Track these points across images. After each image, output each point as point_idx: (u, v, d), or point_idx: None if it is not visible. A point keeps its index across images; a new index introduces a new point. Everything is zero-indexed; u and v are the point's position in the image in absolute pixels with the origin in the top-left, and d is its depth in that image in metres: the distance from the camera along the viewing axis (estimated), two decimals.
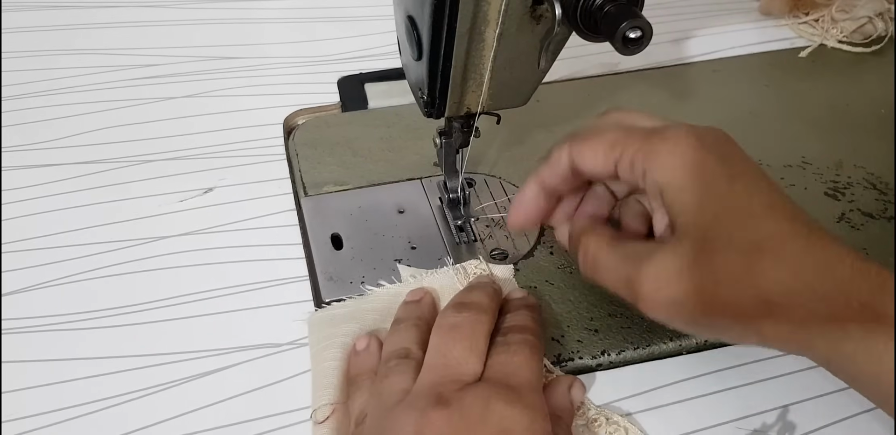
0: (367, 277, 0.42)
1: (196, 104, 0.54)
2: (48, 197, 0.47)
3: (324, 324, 0.39)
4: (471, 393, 0.30)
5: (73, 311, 0.40)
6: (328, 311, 0.39)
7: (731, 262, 0.28)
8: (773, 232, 0.28)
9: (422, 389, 0.31)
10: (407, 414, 0.30)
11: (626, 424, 0.35)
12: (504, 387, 0.31)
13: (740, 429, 0.36)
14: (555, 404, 0.34)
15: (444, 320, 0.34)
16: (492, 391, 0.30)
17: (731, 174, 0.30)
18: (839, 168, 0.50)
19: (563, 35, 0.32)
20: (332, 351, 0.37)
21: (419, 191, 0.47)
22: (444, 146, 0.41)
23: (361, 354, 0.36)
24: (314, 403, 0.35)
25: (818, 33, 0.62)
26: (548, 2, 0.30)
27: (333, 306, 0.40)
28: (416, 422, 0.29)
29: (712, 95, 0.56)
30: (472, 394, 0.30)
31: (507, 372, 0.32)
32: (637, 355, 0.39)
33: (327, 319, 0.39)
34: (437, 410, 0.29)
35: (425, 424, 0.29)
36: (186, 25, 0.61)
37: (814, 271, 0.27)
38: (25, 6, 0.62)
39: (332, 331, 0.38)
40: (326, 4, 0.64)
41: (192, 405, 0.36)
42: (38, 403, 0.36)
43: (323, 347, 0.37)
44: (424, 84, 0.35)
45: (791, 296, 0.27)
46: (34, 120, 0.52)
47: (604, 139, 0.33)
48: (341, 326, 0.38)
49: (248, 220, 0.45)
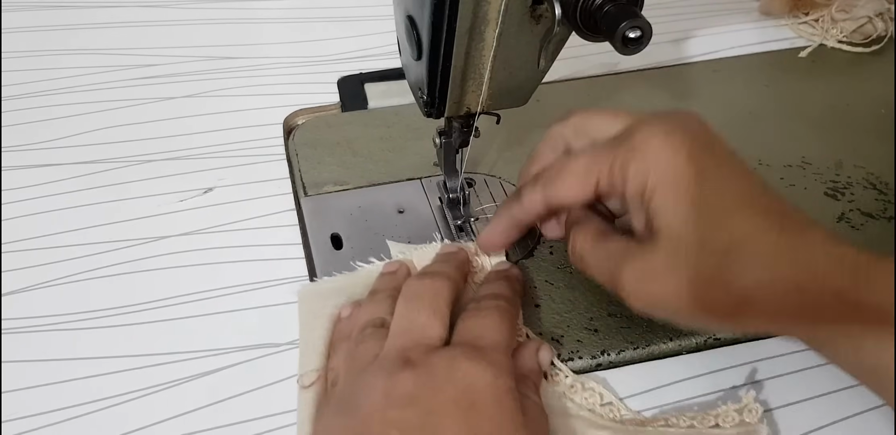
0: None
1: (195, 104, 0.54)
2: (48, 197, 0.47)
3: (313, 296, 0.40)
4: (436, 355, 0.31)
5: (72, 311, 0.40)
6: (318, 284, 0.41)
7: (705, 262, 0.29)
8: (744, 230, 0.29)
9: (389, 354, 0.32)
10: (376, 376, 0.31)
11: (602, 390, 0.36)
12: (469, 347, 0.32)
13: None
14: (522, 365, 0.35)
15: (407, 289, 0.36)
16: (457, 352, 0.31)
17: (700, 173, 0.30)
18: (839, 168, 0.50)
19: (562, 35, 0.32)
20: (319, 321, 0.38)
21: (419, 191, 0.47)
22: (443, 146, 0.41)
23: (344, 322, 0.38)
24: (301, 368, 0.36)
25: (818, 33, 0.62)
26: (547, 2, 0.30)
27: (324, 280, 0.41)
28: (384, 383, 0.30)
29: (712, 95, 0.56)
30: (438, 355, 0.31)
31: (474, 334, 0.33)
32: (637, 355, 0.39)
33: (317, 292, 0.40)
34: (404, 372, 0.30)
35: (393, 384, 0.30)
36: (186, 25, 0.61)
37: (788, 264, 0.28)
38: (25, 6, 0.62)
39: (321, 303, 0.39)
40: (326, 4, 0.64)
41: (191, 405, 0.36)
42: (38, 403, 0.36)
43: (311, 317, 0.38)
44: (424, 84, 0.35)
45: (767, 291, 0.28)
46: (34, 120, 0.52)
47: (574, 172, 0.33)
48: (330, 298, 0.39)
49: (248, 220, 0.45)
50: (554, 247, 0.44)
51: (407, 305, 0.34)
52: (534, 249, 0.44)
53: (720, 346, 0.39)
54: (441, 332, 0.33)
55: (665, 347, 0.39)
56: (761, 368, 0.38)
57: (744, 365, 0.38)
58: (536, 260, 0.43)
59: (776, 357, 0.38)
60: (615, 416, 0.36)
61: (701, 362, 0.38)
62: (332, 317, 0.38)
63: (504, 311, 0.35)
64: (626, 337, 0.39)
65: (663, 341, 0.39)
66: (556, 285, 0.42)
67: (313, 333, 0.37)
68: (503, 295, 0.37)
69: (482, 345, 0.32)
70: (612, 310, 0.40)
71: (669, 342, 0.39)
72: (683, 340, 0.39)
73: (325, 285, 0.40)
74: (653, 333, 0.39)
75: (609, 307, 0.40)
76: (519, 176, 0.39)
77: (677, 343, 0.39)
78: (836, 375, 0.37)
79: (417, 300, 0.34)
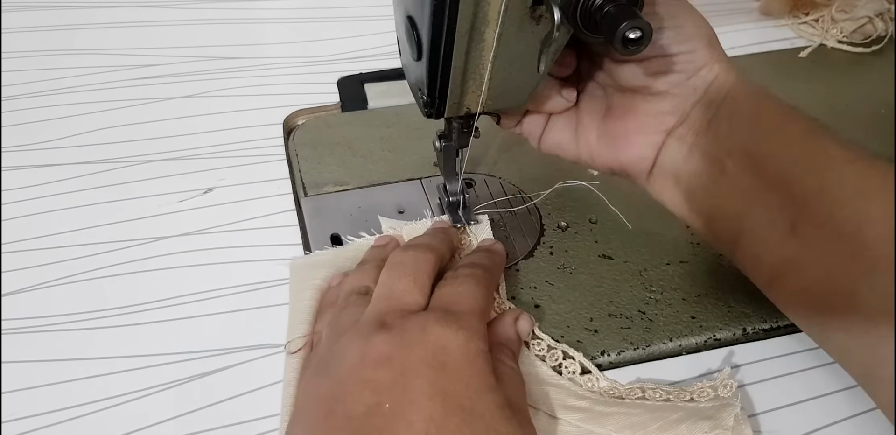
0: None
1: (196, 104, 0.54)
2: (49, 197, 0.47)
3: (305, 268, 0.41)
4: (411, 319, 0.32)
5: (73, 311, 0.40)
6: (310, 257, 0.42)
7: None
8: None
9: (368, 318, 0.33)
10: (353, 339, 0.32)
11: (583, 359, 0.37)
12: (443, 312, 0.33)
13: None
14: (501, 333, 0.36)
15: (392, 258, 0.37)
16: (431, 316, 0.32)
17: None
18: None
19: (562, 39, 0.32)
20: (308, 292, 0.39)
21: (419, 191, 0.47)
22: (444, 149, 0.41)
23: (331, 290, 0.39)
24: (289, 335, 0.37)
25: (818, 33, 0.62)
26: (546, 6, 0.30)
27: (315, 253, 0.42)
28: (360, 346, 0.31)
29: None
30: (412, 320, 0.32)
31: (449, 300, 0.34)
32: (637, 355, 0.39)
33: (308, 264, 0.41)
34: (380, 335, 0.31)
35: (369, 346, 0.31)
36: (186, 25, 0.61)
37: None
38: (25, 6, 0.62)
39: (311, 274, 0.40)
40: (326, 4, 0.64)
41: (192, 405, 0.36)
42: (38, 403, 0.37)
43: (301, 288, 0.39)
44: (424, 84, 0.35)
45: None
46: (34, 120, 0.52)
47: None
48: (320, 270, 0.40)
49: (248, 220, 0.45)
50: (554, 247, 0.44)
51: (389, 274, 0.35)
52: (534, 249, 0.44)
53: (720, 346, 0.39)
54: (419, 299, 0.34)
55: (665, 347, 0.39)
56: (761, 369, 0.38)
57: (744, 365, 0.38)
58: (536, 260, 0.43)
59: (776, 358, 0.38)
60: (593, 385, 0.36)
61: (701, 363, 0.38)
62: (320, 287, 0.39)
63: (479, 278, 0.36)
64: (626, 337, 0.39)
65: (663, 342, 0.39)
66: (556, 285, 0.42)
67: (301, 303, 0.39)
68: (480, 263, 0.37)
69: (456, 310, 0.33)
70: (612, 310, 0.40)
71: (669, 342, 0.39)
72: (683, 340, 0.39)
73: (316, 257, 0.42)
74: (653, 334, 0.39)
75: (609, 307, 0.40)
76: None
77: (677, 343, 0.39)
78: (836, 375, 0.37)
79: (400, 268, 0.35)
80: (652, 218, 0.46)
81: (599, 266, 0.43)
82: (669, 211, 0.37)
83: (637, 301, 0.41)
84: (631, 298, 0.41)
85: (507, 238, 0.44)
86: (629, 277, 0.42)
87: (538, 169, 0.49)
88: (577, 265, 0.43)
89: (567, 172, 0.49)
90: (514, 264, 0.43)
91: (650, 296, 0.41)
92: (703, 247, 0.44)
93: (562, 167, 0.49)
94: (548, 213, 0.46)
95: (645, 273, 0.42)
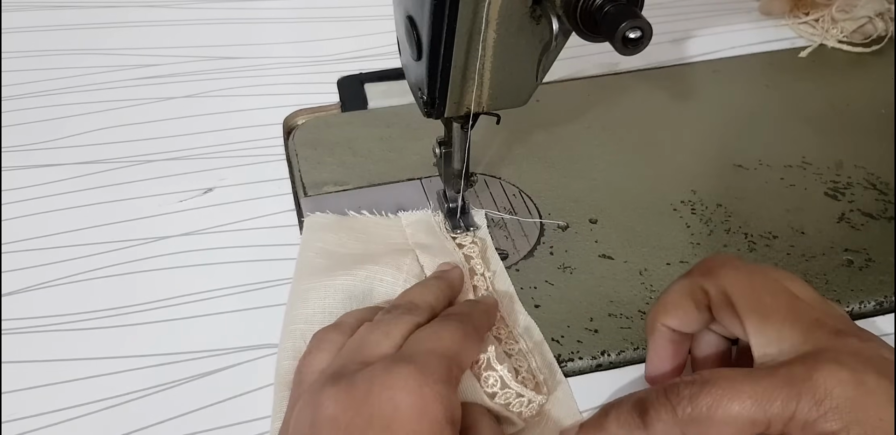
0: None
1: (196, 104, 0.54)
2: (48, 197, 0.47)
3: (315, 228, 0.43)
4: (363, 370, 0.29)
5: (73, 311, 0.40)
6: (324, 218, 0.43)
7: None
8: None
9: (327, 371, 0.30)
10: (309, 397, 0.29)
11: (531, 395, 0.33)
12: (397, 358, 0.29)
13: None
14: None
15: (376, 317, 0.34)
16: (380, 364, 0.29)
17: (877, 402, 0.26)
18: (839, 168, 0.50)
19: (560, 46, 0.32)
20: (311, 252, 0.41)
21: (419, 191, 0.47)
22: (443, 156, 0.41)
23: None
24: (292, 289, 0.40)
25: (818, 33, 0.62)
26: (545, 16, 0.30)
27: (330, 216, 0.43)
28: (312, 408, 0.28)
29: (712, 95, 0.56)
30: (364, 371, 0.29)
31: (412, 343, 0.31)
32: (637, 355, 0.39)
33: (320, 225, 0.43)
34: (328, 390, 0.28)
35: (318, 408, 0.28)
36: (187, 25, 0.61)
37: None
38: (25, 6, 0.62)
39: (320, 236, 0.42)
40: (326, 4, 0.64)
41: (192, 406, 0.36)
42: (38, 403, 0.36)
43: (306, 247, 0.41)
44: (424, 84, 0.35)
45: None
46: (34, 120, 0.52)
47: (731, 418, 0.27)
48: (328, 234, 0.42)
49: (248, 220, 0.45)
50: (554, 247, 0.44)
51: (366, 328, 0.32)
52: (534, 249, 0.44)
53: None
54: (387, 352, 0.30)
55: None
56: None
57: None
58: (536, 260, 0.43)
59: None
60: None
61: None
62: (321, 249, 0.41)
63: (455, 323, 0.32)
64: (626, 337, 0.39)
65: None
66: (556, 285, 0.42)
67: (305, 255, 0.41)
68: (463, 313, 0.34)
69: (414, 352, 0.30)
70: (612, 310, 0.40)
71: None
72: None
73: (324, 220, 0.43)
74: None
75: (609, 307, 0.40)
76: (646, 323, 0.34)
77: None
78: None
79: (378, 325, 0.32)
80: (652, 218, 0.46)
81: (599, 266, 0.43)
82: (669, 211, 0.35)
83: (637, 301, 0.41)
84: (631, 298, 0.41)
85: (507, 238, 0.44)
86: (629, 277, 0.42)
87: (538, 169, 0.49)
88: (577, 265, 0.43)
89: (567, 172, 0.49)
90: (515, 264, 0.43)
91: (650, 296, 0.41)
92: (703, 247, 0.44)
93: (562, 167, 0.49)
94: (548, 213, 0.46)
95: (645, 273, 0.42)
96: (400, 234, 0.43)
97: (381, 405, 0.27)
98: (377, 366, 0.29)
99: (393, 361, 0.29)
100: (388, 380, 0.28)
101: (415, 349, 0.30)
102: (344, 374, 0.29)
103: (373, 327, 0.32)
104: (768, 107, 0.55)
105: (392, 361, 0.29)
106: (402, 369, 0.28)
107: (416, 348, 0.30)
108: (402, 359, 0.29)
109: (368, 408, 0.27)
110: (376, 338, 0.31)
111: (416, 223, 0.44)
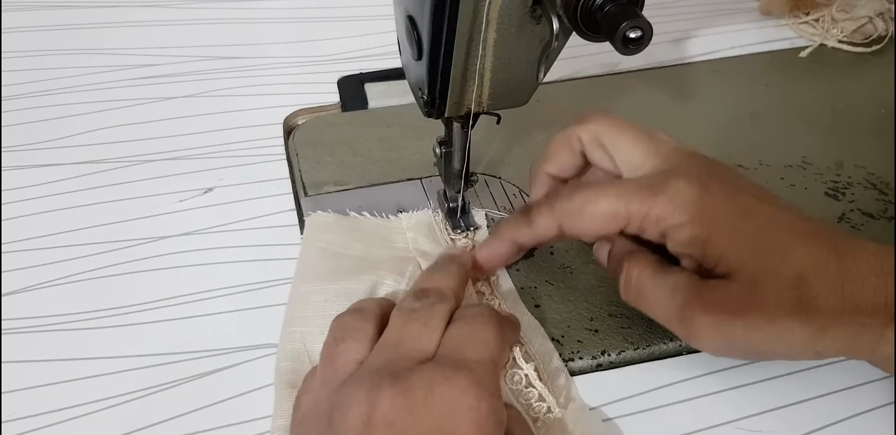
0: None
1: (196, 104, 0.54)
2: (48, 197, 0.47)
3: (317, 227, 0.43)
4: (418, 372, 0.29)
5: (73, 311, 0.40)
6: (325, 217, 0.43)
7: (784, 296, 0.29)
8: (805, 261, 0.30)
9: (374, 364, 0.31)
10: (358, 390, 0.29)
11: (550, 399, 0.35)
12: (452, 364, 0.30)
13: (740, 429, 0.36)
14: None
15: (404, 304, 0.34)
16: (438, 371, 0.29)
17: (747, 215, 0.31)
18: (839, 168, 0.50)
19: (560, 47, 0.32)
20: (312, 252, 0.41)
21: (419, 191, 0.47)
22: (443, 156, 0.41)
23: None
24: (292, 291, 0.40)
25: (818, 33, 0.62)
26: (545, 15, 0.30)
27: (331, 215, 0.43)
28: (365, 403, 0.28)
29: (712, 95, 0.56)
30: (419, 373, 0.29)
31: (457, 345, 0.31)
32: (637, 355, 0.39)
33: (321, 224, 0.43)
34: (385, 390, 0.28)
35: (374, 407, 0.28)
36: (186, 25, 0.61)
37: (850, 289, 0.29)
38: (25, 6, 0.62)
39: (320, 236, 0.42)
40: (326, 4, 0.64)
41: (192, 405, 0.36)
42: (38, 403, 0.36)
43: (307, 247, 0.41)
44: (424, 84, 0.35)
45: (841, 315, 0.29)
46: (34, 120, 0.52)
47: (598, 214, 0.32)
48: (329, 234, 0.42)
49: (248, 220, 0.45)
50: (554, 247, 0.44)
51: (402, 319, 0.33)
52: (534, 248, 0.44)
53: None
54: (429, 345, 0.31)
55: (665, 347, 0.39)
56: (762, 369, 0.38)
57: (744, 365, 0.38)
58: (536, 260, 0.43)
59: None
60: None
61: (701, 363, 0.38)
62: (322, 249, 0.41)
63: (490, 317, 0.33)
64: (626, 337, 0.39)
65: (663, 342, 0.39)
66: (557, 285, 0.42)
67: (307, 254, 0.41)
68: (494, 312, 0.35)
69: (464, 358, 0.30)
70: (612, 310, 0.40)
71: (670, 342, 0.39)
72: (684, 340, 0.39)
73: (325, 220, 0.43)
74: (653, 334, 0.39)
75: (609, 307, 0.40)
76: (530, 173, 0.39)
77: (677, 343, 0.39)
78: (836, 375, 0.37)
79: (414, 314, 0.33)
80: None
81: (600, 266, 0.43)
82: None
83: None
84: None
85: None
86: None
87: None
88: (577, 265, 0.43)
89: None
90: (515, 264, 0.43)
91: None
92: None
93: None
94: None
95: None
96: (402, 238, 0.43)
97: (441, 417, 0.28)
98: (435, 370, 0.29)
99: (452, 368, 0.30)
100: (448, 391, 0.29)
101: (467, 356, 0.31)
102: (397, 373, 0.29)
103: (408, 318, 0.33)
104: (768, 107, 0.55)
105: (451, 369, 0.30)
106: (460, 381, 0.29)
107: (467, 355, 0.31)
108: (458, 367, 0.30)
109: (427, 417, 0.28)
110: (416, 330, 0.32)
111: (416, 226, 0.43)
